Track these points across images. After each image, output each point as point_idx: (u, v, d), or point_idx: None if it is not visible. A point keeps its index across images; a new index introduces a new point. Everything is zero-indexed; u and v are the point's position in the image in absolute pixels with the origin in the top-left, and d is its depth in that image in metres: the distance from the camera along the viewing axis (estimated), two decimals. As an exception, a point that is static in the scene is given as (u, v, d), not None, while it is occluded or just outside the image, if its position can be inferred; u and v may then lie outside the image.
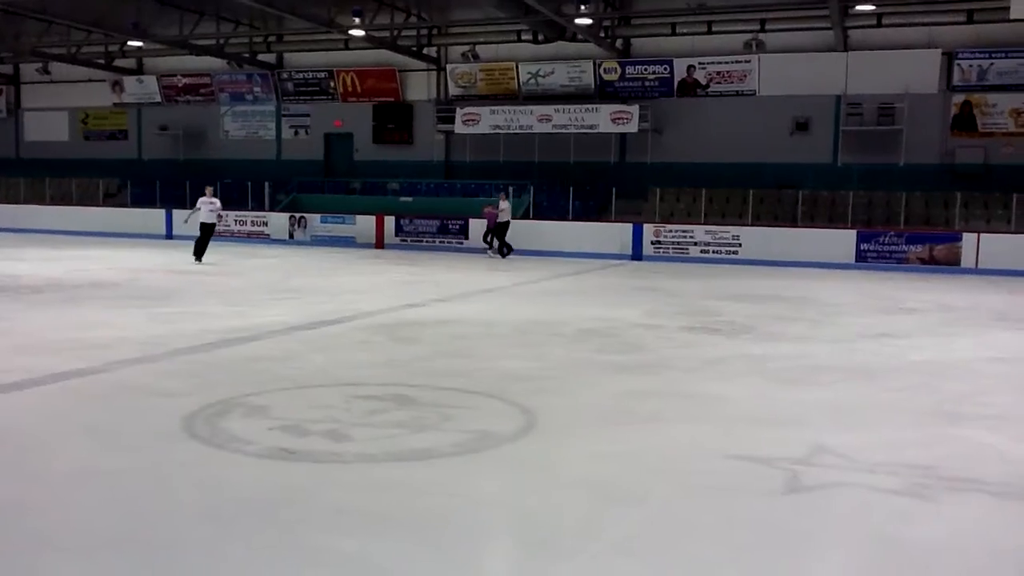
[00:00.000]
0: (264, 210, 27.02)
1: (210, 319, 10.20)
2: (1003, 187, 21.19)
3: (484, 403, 6.42)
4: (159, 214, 27.14)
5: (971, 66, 22.28)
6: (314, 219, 25.32)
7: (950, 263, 19.63)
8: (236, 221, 26.18)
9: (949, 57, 22.46)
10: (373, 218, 24.31)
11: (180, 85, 30.69)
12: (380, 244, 24.12)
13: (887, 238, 20.32)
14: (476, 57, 26.35)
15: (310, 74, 28.93)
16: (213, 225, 18.78)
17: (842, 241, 20.55)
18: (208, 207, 18.60)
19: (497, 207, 21.24)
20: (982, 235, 19.67)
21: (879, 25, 22.19)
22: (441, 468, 4.89)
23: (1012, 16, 16.94)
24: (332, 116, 29.01)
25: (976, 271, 19.07)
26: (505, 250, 21.36)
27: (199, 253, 18.24)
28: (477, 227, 23.19)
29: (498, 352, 8.64)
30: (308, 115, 29.50)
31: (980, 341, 9.91)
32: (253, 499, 4.35)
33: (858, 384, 7.36)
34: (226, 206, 21.78)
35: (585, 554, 3.77)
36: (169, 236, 26.33)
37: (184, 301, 11.99)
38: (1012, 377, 7.85)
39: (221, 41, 27.38)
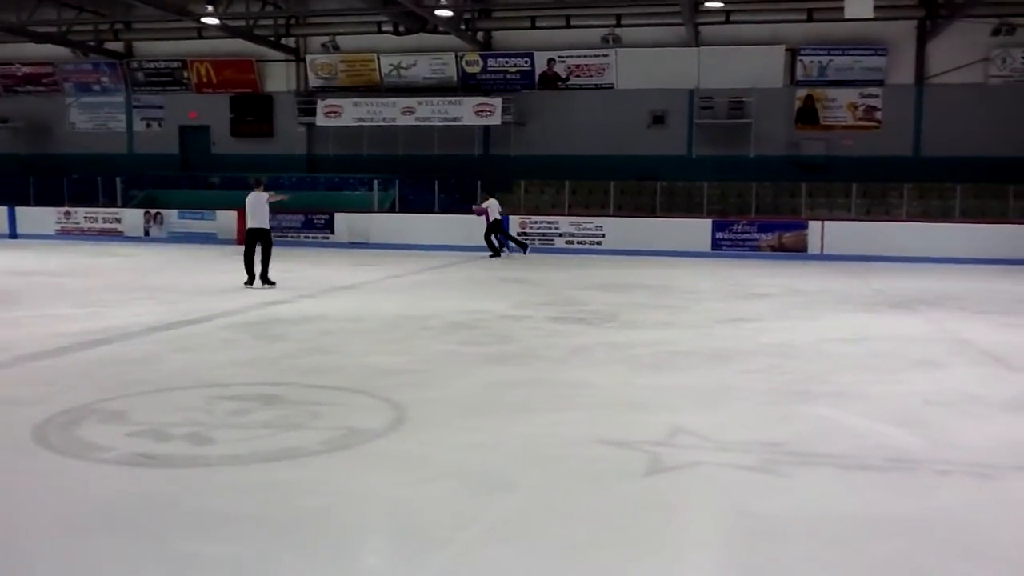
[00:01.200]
0: (117, 206, 25.81)
1: (61, 322, 9.70)
2: (844, 177, 22.47)
3: (353, 399, 6.38)
4: (0, 212, 25.52)
5: (812, 62, 23.53)
6: (171, 215, 24.38)
7: (798, 249, 20.72)
8: (86, 218, 24.92)
9: (793, 53, 23.64)
10: (234, 213, 23.58)
11: (20, 75, 28.89)
12: (242, 240, 23.42)
13: (740, 227, 21.26)
14: (336, 48, 25.93)
15: (162, 64, 27.78)
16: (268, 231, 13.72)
17: (699, 230, 21.37)
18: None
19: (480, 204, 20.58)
20: (826, 223, 20.84)
21: (728, 22, 23.10)
22: (310, 467, 4.84)
23: (846, 16, 18.02)
24: (187, 108, 27.95)
25: (822, 257, 20.19)
26: (501, 247, 20.65)
27: (252, 269, 13.42)
28: (341, 221, 22.88)
29: (366, 347, 8.58)
30: (161, 107, 28.32)
31: (826, 323, 10.50)
32: (113, 508, 4.20)
33: (715, 367, 7.70)
34: (75, 203, 20.69)
35: (458, 543, 3.82)
36: (13, 235, 24.79)
37: (32, 303, 11.35)
38: (854, 356, 8.37)
39: (64, 28, 25.93)
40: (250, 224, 13.53)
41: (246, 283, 13.31)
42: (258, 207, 13.42)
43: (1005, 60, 22.81)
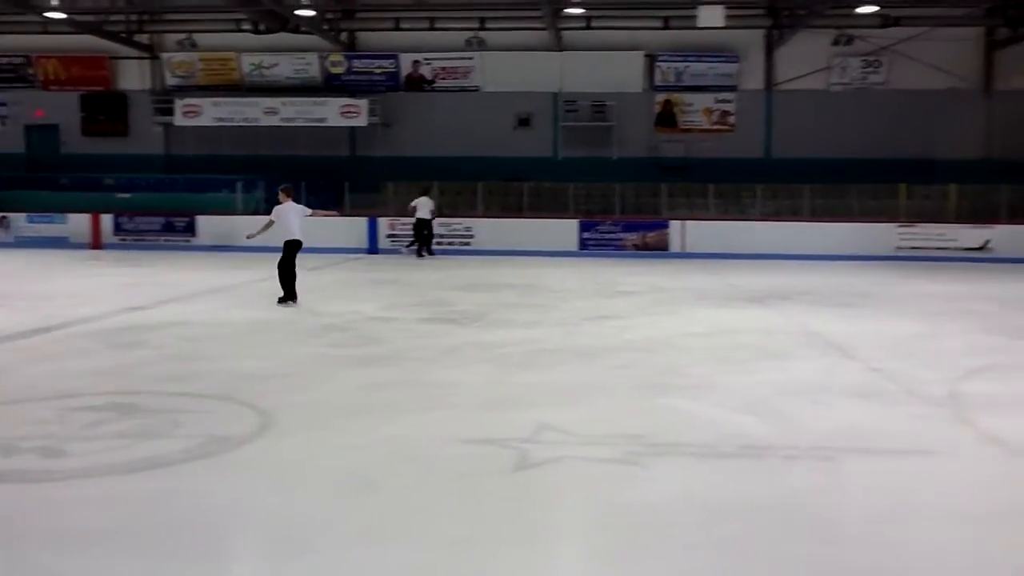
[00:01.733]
0: (-45, 210, 24.18)
1: None
2: (701, 178, 23.32)
3: (216, 406, 6.24)
4: None
5: (670, 68, 24.38)
6: (19, 218, 23.01)
7: (660, 248, 21.40)
8: (-80, 223, 23.23)
9: (651, 59, 24.45)
10: (88, 216, 22.52)
11: None
12: (97, 244, 22.38)
13: (605, 227, 21.80)
14: (194, 46, 25.11)
15: (3, 59, 26.22)
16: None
17: (566, 230, 21.77)
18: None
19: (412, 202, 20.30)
20: (687, 222, 21.60)
21: (589, 27, 23.66)
22: (171, 477, 4.71)
23: (699, 25, 18.81)
24: (33, 106, 26.46)
25: (683, 255, 20.91)
26: (420, 249, 20.41)
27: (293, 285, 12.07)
28: (204, 224, 22.17)
29: (230, 352, 8.39)
30: (4, 104, 26.71)
31: (686, 318, 10.92)
32: (-45, 529, 3.98)
33: (580, 364, 7.90)
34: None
35: (324, 547, 3.81)
36: None
37: None
38: (711, 349, 8.75)
39: None
40: (286, 236, 12.19)
41: (284, 301, 11.75)
42: (293, 218, 12.31)
43: (845, 68, 24.25)
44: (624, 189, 23.32)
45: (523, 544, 3.90)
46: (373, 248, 21.73)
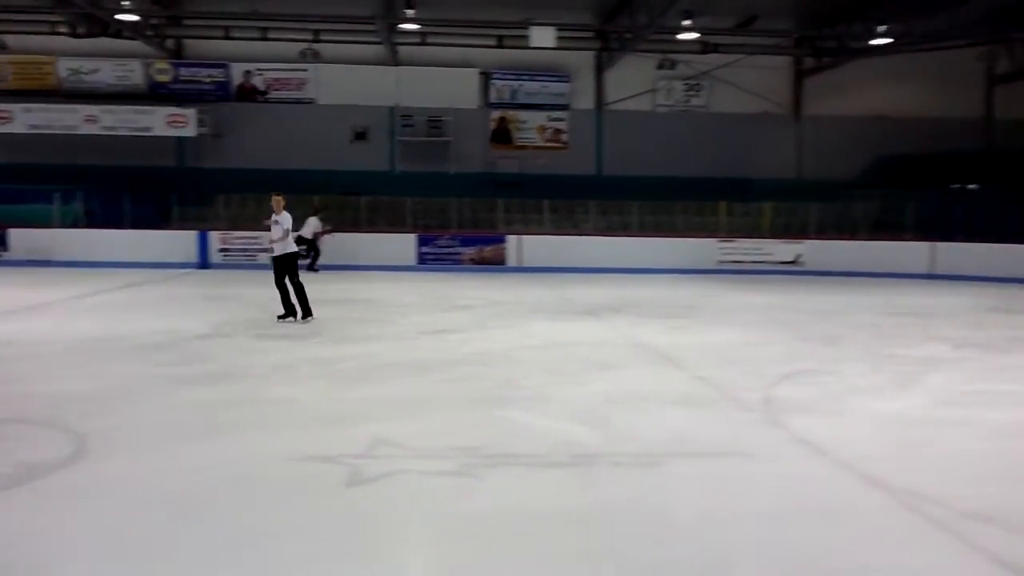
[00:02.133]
0: None
1: None
2: (536, 194, 23.91)
3: (31, 432, 5.87)
4: None
5: (504, 86, 24.91)
6: None
7: (498, 262, 21.73)
8: None
9: (486, 77, 24.89)
10: None
11: None
12: None
13: (443, 241, 21.92)
14: (4, 47, 23.53)
15: None
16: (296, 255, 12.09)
17: (404, 245, 21.74)
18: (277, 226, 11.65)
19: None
20: (523, 237, 22.04)
21: (424, 43, 23.81)
22: (-22, 508, 4.41)
23: (531, 45, 19.31)
24: None
25: (519, 269, 21.31)
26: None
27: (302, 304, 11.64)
28: (17, 237, 20.74)
29: (47, 374, 7.91)
30: None
31: (522, 331, 11.14)
32: None
33: (417, 378, 7.93)
34: None
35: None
36: None
37: None
38: (545, 361, 8.96)
39: None
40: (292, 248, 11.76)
41: (285, 317, 11.47)
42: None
43: (669, 91, 25.49)
44: (461, 204, 23.58)
45: (359, 560, 3.89)
46: (204, 263, 20.98)
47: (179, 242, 21.14)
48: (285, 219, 11.47)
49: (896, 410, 6.92)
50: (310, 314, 11.62)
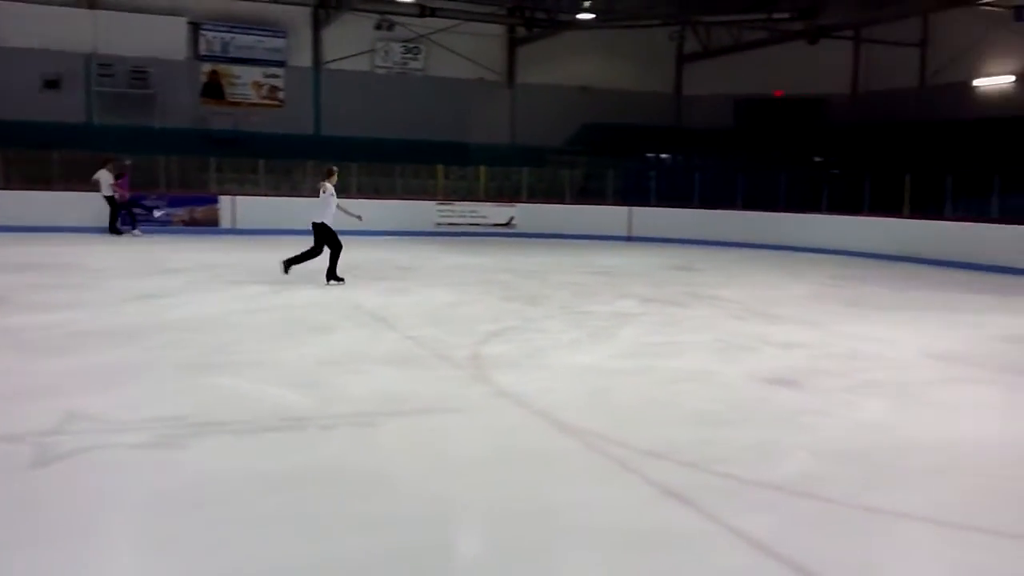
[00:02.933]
0: None
1: None
2: (252, 153, 23.01)
3: None
4: None
5: (215, 38, 23.67)
6: None
7: (211, 224, 20.80)
8: None
9: (195, 27, 23.52)
10: None
11: None
12: None
13: (150, 201, 20.59)
14: None
15: None
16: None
17: (104, 204, 20.14)
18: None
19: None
20: (237, 197, 21.23)
21: (128, -13, 22.11)
22: None
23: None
24: None
25: (235, 231, 20.55)
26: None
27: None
28: None
29: None
30: None
31: (235, 295, 10.81)
32: None
33: (119, 347, 7.49)
34: None
35: None
36: None
37: None
38: (259, 326, 8.80)
39: None
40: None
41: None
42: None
43: (387, 52, 25.50)
44: (170, 162, 22.22)
45: (33, 546, 3.64)
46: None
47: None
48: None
49: (589, 362, 7.54)
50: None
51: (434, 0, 23.49)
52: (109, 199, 19.01)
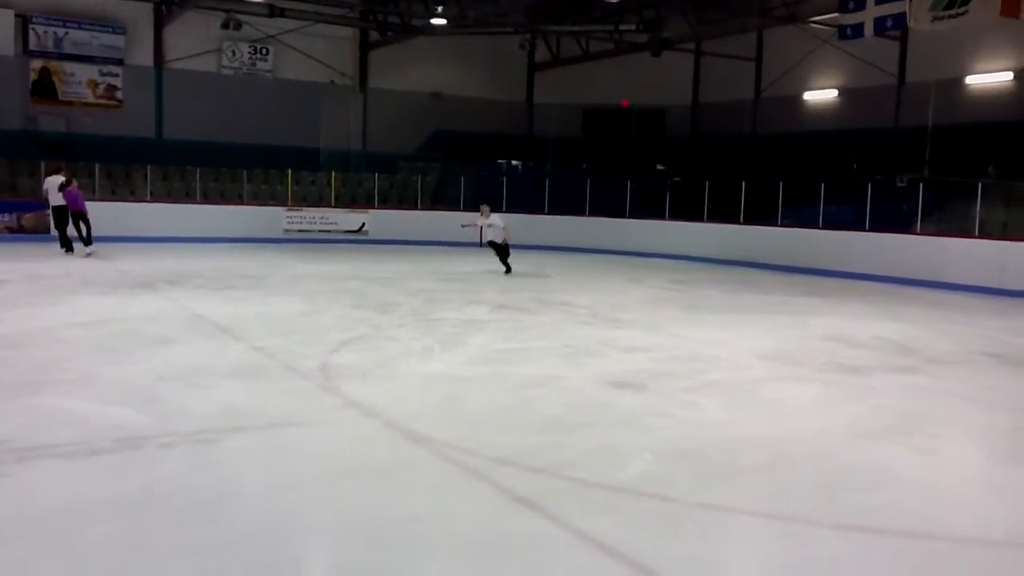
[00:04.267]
0: None
1: None
2: (87, 156, 21.82)
3: None
4: None
5: (47, 32, 22.36)
6: None
7: (40, 232, 19.58)
8: None
9: (25, 20, 22.13)
10: None
11: None
12: None
13: (-30, 207, 19.24)
14: None
15: None
16: None
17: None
18: None
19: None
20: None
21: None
22: None
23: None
24: None
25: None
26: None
27: None
28: None
29: None
30: None
31: (66, 308, 10.20)
32: None
33: (-68, 366, 6.96)
34: None
35: None
36: None
37: None
38: (92, 340, 8.35)
39: None
40: None
41: None
42: None
43: (235, 52, 24.75)
44: (-7, 165, 20.85)
45: None
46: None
47: None
48: None
49: (440, 370, 7.55)
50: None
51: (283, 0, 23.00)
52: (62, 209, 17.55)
